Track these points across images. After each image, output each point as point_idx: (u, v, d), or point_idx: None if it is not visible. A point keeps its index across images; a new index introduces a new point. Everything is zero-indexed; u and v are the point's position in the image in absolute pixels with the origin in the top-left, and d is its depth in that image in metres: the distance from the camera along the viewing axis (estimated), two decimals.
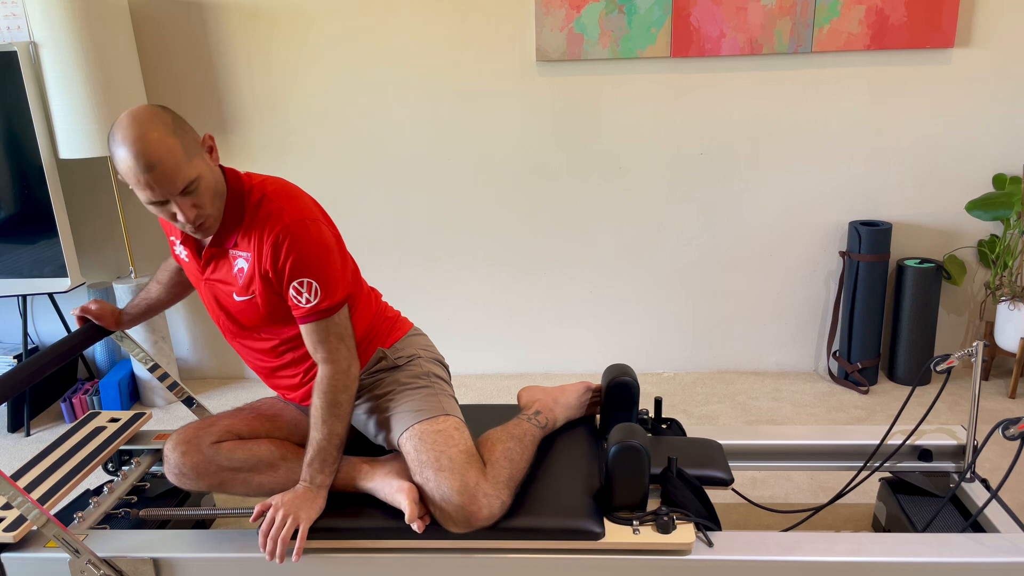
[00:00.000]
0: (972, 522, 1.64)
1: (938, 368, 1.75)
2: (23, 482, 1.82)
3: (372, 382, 1.69)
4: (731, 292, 2.97)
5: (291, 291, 1.50)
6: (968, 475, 1.83)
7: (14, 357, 2.96)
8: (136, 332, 2.90)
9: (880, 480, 2.00)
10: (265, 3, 2.75)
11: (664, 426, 1.91)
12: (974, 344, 1.74)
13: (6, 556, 1.61)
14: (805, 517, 1.96)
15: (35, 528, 1.67)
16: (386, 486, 1.55)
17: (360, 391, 1.68)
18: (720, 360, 3.07)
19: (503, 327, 3.08)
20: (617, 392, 1.80)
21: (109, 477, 2.46)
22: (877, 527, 2.02)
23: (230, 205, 1.52)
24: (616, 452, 1.50)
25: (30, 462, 1.91)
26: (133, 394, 3.03)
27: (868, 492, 2.22)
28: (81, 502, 1.97)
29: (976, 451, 1.78)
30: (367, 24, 2.74)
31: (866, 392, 2.83)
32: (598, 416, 1.91)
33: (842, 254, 2.84)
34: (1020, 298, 2.69)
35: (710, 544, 1.53)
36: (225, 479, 1.59)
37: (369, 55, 2.78)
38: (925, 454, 1.90)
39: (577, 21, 2.65)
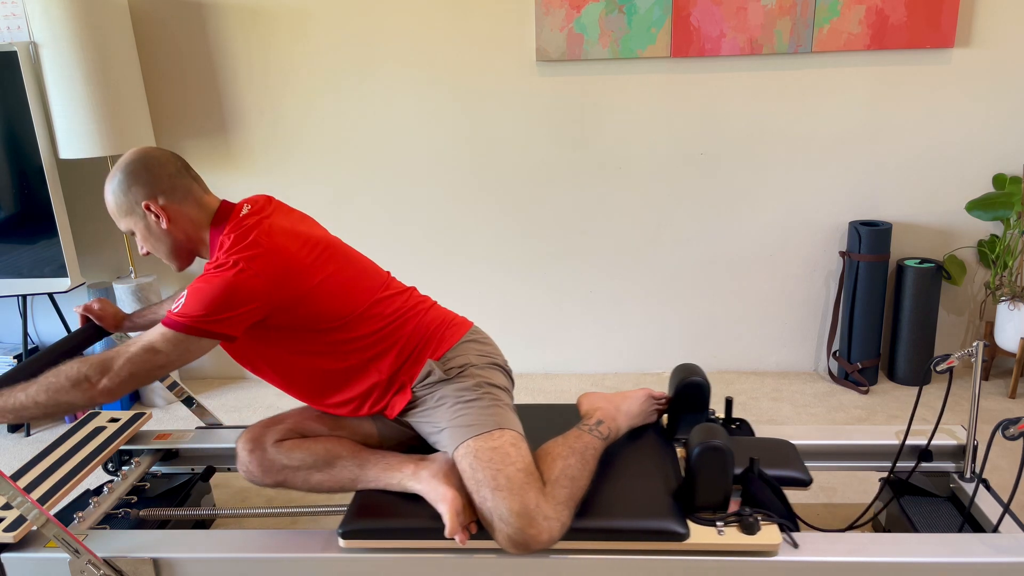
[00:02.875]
0: (994, 529, 1.64)
1: (938, 368, 1.75)
2: (23, 482, 1.82)
3: (424, 395, 1.64)
4: (731, 292, 2.97)
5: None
6: (968, 475, 1.83)
7: (14, 357, 2.96)
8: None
9: (880, 480, 2.00)
10: (265, 3, 2.75)
11: (734, 426, 1.89)
12: (974, 344, 1.74)
13: (6, 556, 1.61)
14: (866, 520, 1.94)
15: (35, 528, 1.67)
16: (431, 491, 1.53)
17: (415, 404, 1.65)
18: (720, 360, 3.07)
19: (503, 327, 3.08)
20: (688, 393, 1.78)
21: (109, 477, 2.46)
22: (877, 527, 2.02)
23: (212, 247, 1.61)
24: (700, 452, 1.48)
25: (30, 462, 1.91)
26: (133, 394, 3.03)
27: (868, 492, 2.22)
28: (81, 502, 1.97)
29: (977, 452, 1.78)
30: (367, 24, 2.74)
31: (866, 392, 2.83)
32: (664, 416, 1.90)
33: (842, 254, 2.84)
34: (1020, 298, 2.69)
35: (795, 545, 1.51)
36: (287, 477, 1.62)
37: (369, 55, 2.78)
38: (925, 454, 1.90)
39: (577, 21, 2.65)
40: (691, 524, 1.52)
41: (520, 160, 2.86)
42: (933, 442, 1.90)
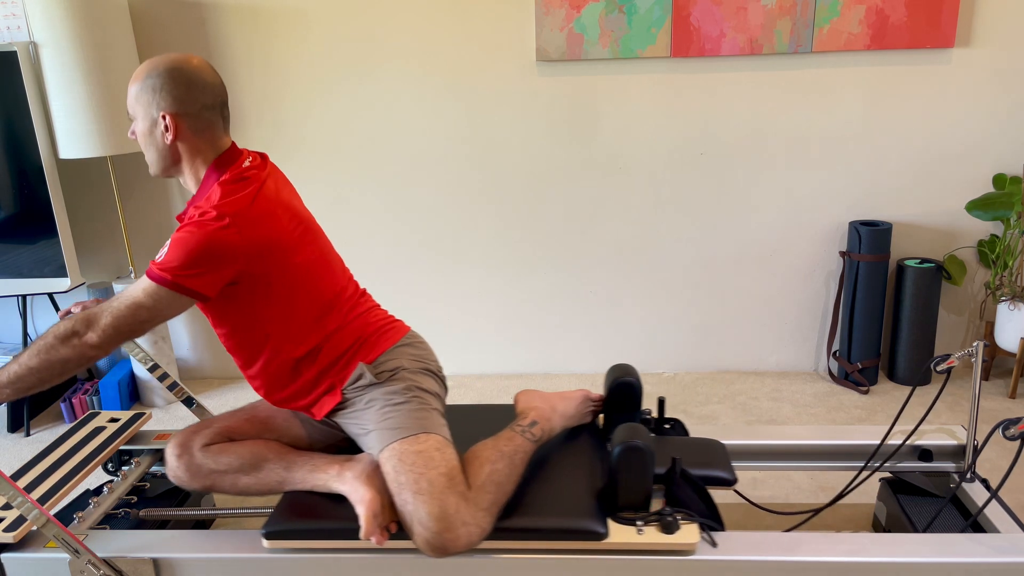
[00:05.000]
0: (972, 522, 1.64)
1: (938, 368, 1.75)
2: (23, 482, 1.82)
3: (354, 398, 1.64)
4: (731, 292, 2.97)
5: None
6: (968, 475, 1.83)
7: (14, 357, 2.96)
8: None
9: (880, 480, 2.00)
10: (265, 3, 2.75)
11: (667, 426, 1.90)
12: (974, 344, 1.74)
13: (6, 556, 1.61)
14: (807, 518, 1.96)
15: (35, 528, 1.67)
16: (352, 492, 1.53)
17: (344, 406, 1.66)
18: (720, 360, 3.07)
19: (503, 327, 3.08)
20: (620, 392, 1.79)
21: (109, 477, 2.46)
22: (877, 527, 2.02)
23: (203, 183, 1.58)
24: (620, 452, 1.50)
25: (30, 462, 1.91)
26: (133, 394, 3.03)
27: (868, 492, 2.22)
28: (81, 502, 1.97)
29: (976, 451, 1.78)
30: (367, 24, 2.74)
31: (866, 392, 2.83)
32: (601, 416, 1.91)
33: (842, 254, 2.84)
34: (1020, 298, 2.69)
35: (714, 544, 1.52)
36: (215, 480, 1.63)
37: (369, 55, 2.78)
38: (925, 454, 1.90)
39: (577, 21, 2.65)
40: (612, 524, 1.53)
41: (520, 160, 2.86)
42: (933, 442, 1.90)
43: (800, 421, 2.66)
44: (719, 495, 2.22)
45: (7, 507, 1.69)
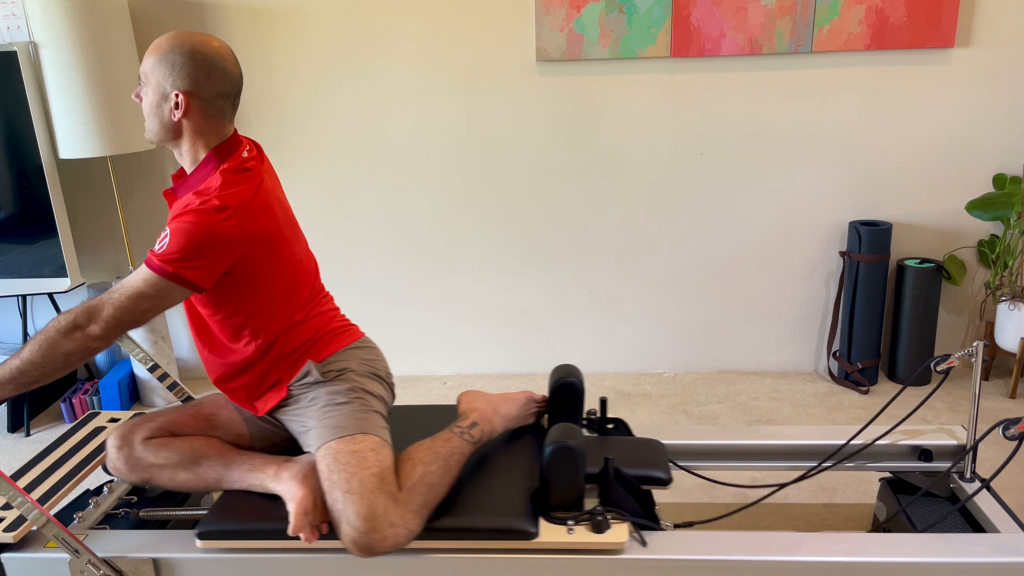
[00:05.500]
0: (960, 507, 1.64)
1: (938, 368, 1.75)
2: (23, 482, 1.82)
3: (299, 395, 1.65)
4: (731, 292, 2.97)
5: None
6: (969, 475, 1.83)
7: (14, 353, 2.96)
8: (136, 331, 2.90)
9: (880, 480, 2.00)
10: (265, 3, 2.75)
11: (609, 426, 1.91)
12: (974, 344, 1.74)
13: (6, 556, 1.61)
14: (769, 493, 1.96)
15: (35, 528, 1.67)
16: (286, 491, 1.53)
17: (287, 403, 1.67)
18: (720, 360, 3.07)
19: (503, 327, 3.08)
20: (562, 393, 1.80)
21: (109, 477, 2.46)
22: (877, 527, 2.02)
23: (201, 167, 1.58)
24: (551, 452, 1.51)
25: (30, 462, 1.91)
26: (133, 394, 3.03)
27: (868, 492, 2.22)
28: (81, 502, 1.97)
29: (973, 449, 1.78)
30: (367, 24, 2.74)
31: (866, 392, 2.83)
32: (546, 417, 1.91)
33: (842, 254, 2.84)
34: (1020, 298, 2.69)
35: (644, 543, 1.53)
36: (153, 474, 1.64)
37: (369, 55, 2.78)
38: (925, 454, 1.90)
39: (577, 21, 2.65)
40: (544, 523, 1.54)
41: (520, 160, 2.86)
42: (933, 442, 1.90)
43: (800, 421, 2.66)
44: (718, 493, 2.22)
45: (7, 507, 1.69)
